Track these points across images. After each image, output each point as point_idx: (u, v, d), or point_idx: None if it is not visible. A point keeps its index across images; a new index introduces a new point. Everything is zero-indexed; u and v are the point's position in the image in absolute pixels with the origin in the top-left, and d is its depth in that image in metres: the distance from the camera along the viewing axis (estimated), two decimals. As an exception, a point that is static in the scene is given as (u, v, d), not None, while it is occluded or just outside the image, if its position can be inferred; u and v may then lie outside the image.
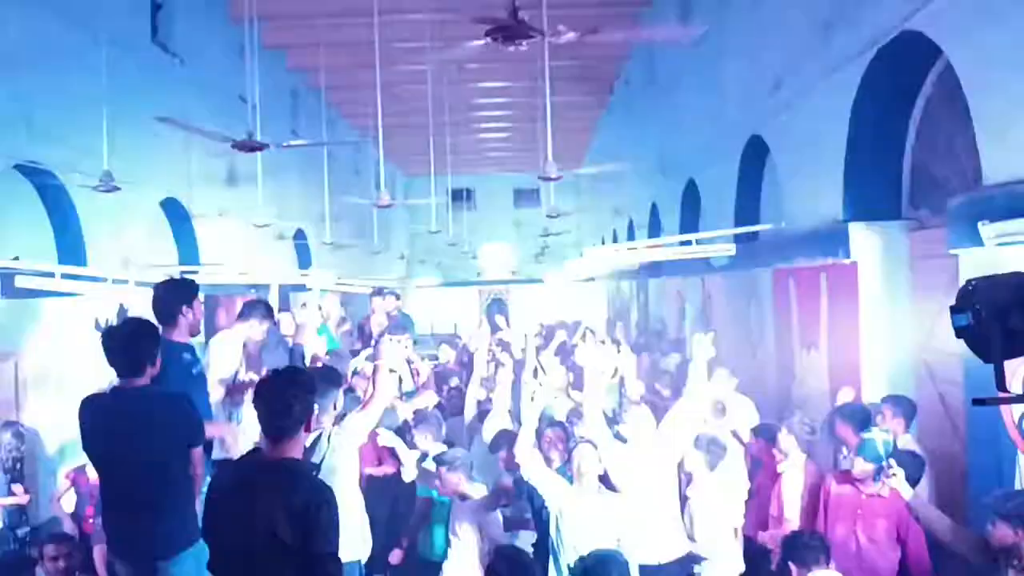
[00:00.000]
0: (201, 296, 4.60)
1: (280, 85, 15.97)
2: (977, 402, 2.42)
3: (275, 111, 15.33)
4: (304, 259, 17.06)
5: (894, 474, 3.99)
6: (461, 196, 29.12)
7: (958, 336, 2.44)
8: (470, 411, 6.52)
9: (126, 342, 3.83)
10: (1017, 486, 4.29)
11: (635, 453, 5.10)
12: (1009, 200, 4.11)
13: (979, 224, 4.16)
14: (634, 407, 5.49)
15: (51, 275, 6.93)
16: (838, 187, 6.46)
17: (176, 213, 11.03)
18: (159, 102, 9.09)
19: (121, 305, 8.85)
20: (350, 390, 6.18)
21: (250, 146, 6.44)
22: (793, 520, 4.88)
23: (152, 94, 9.57)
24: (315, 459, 4.17)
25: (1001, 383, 2.30)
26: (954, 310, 2.43)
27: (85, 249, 8.50)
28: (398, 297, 9.13)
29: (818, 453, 5.47)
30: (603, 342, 8.57)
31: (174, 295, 4.37)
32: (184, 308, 4.32)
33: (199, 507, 3.79)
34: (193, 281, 4.65)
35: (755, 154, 8.87)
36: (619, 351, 7.91)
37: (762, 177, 9.08)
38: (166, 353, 4.03)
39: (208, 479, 3.76)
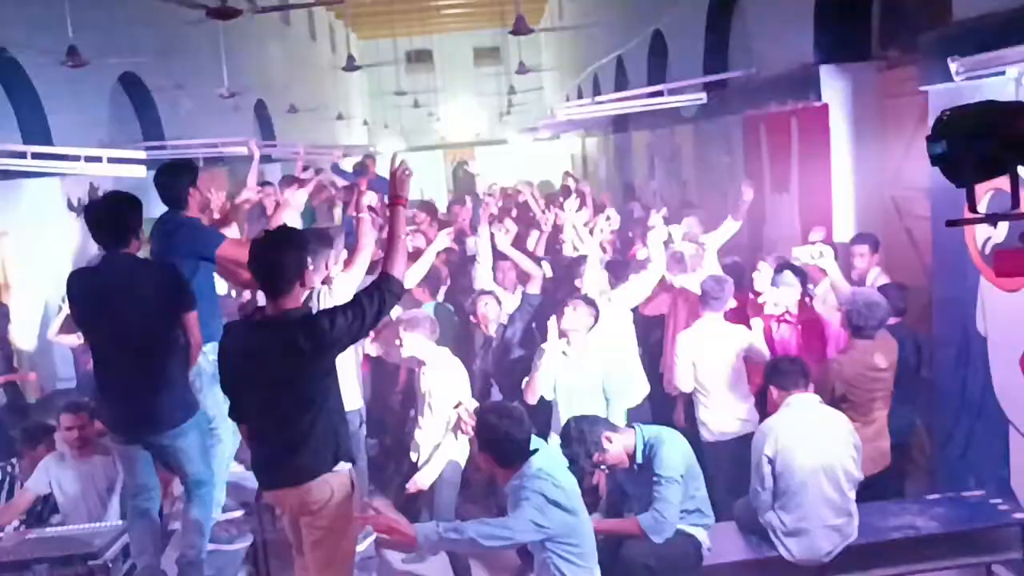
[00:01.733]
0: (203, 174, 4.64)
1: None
2: (950, 223, 2.63)
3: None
4: (266, 131, 16.73)
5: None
6: (420, 57, 28.42)
7: (934, 164, 2.61)
8: None
9: (109, 214, 3.84)
10: (978, 309, 4.60)
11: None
12: (978, 35, 4.21)
13: (948, 60, 4.28)
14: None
15: (23, 155, 6.86)
16: (808, 29, 6.49)
17: (134, 88, 10.76)
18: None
19: (91, 184, 8.78)
20: None
21: (224, 12, 6.19)
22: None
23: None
24: None
25: (972, 205, 2.49)
26: (930, 139, 2.59)
27: (50, 129, 8.35)
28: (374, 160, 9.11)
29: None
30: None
31: (178, 177, 4.35)
32: (191, 189, 4.33)
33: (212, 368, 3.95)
34: (192, 161, 4.68)
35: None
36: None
37: (730, 23, 9.02)
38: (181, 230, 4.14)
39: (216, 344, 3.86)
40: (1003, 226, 4.27)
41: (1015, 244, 3.89)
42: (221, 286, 5.26)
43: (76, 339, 6.18)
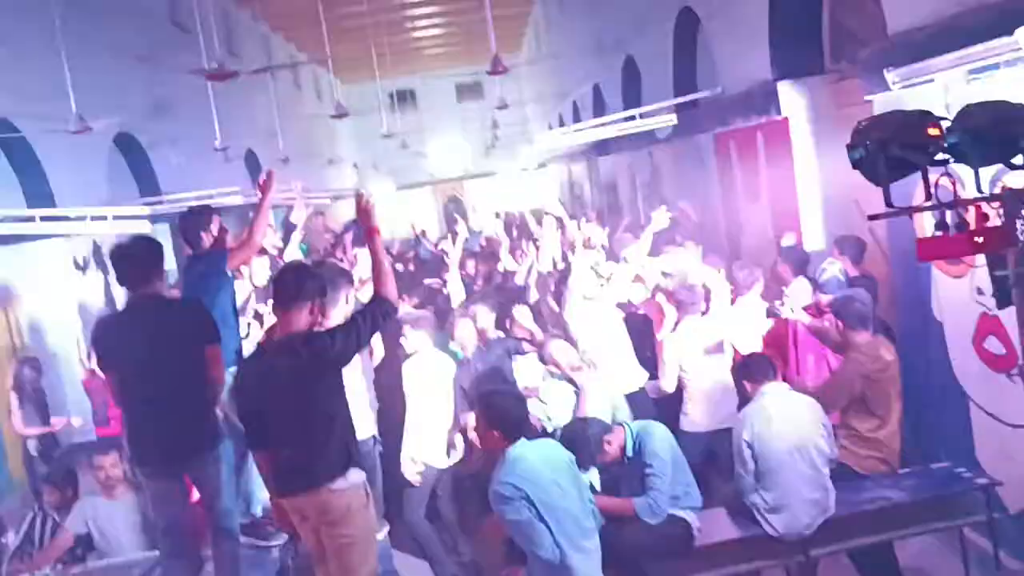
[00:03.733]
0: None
1: (209, 3, 15.71)
2: (871, 217, 2.99)
3: (208, 31, 15.15)
4: (257, 180, 17.08)
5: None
6: (403, 98, 28.94)
7: (854, 167, 2.99)
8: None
9: (135, 256, 4.14)
10: (932, 297, 4.97)
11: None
12: (910, 47, 4.61)
13: (885, 71, 4.67)
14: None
15: (31, 219, 7.21)
16: (765, 49, 6.92)
17: (129, 147, 11.15)
18: (80, 30, 8.98)
19: (94, 242, 9.13)
20: None
21: (221, 75, 6.60)
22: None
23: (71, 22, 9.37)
24: None
25: (888, 200, 2.86)
26: (850, 147, 2.97)
27: (52, 192, 8.71)
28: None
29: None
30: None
31: (194, 221, 4.82)
32: (203, 232, 4.77)
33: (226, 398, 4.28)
34: (208, 207, 5.16)
35: (687, 24, 9.23)
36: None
37: (696, 47, 9.46)
38: (199, 266, 4.64)
39: (232, 371, 4.21)
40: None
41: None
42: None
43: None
